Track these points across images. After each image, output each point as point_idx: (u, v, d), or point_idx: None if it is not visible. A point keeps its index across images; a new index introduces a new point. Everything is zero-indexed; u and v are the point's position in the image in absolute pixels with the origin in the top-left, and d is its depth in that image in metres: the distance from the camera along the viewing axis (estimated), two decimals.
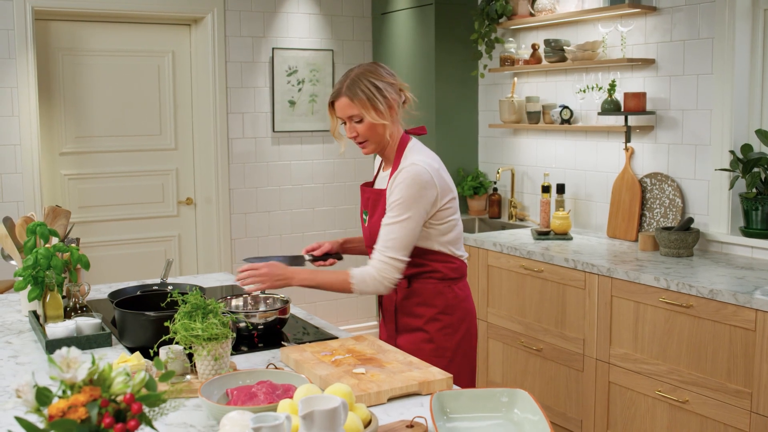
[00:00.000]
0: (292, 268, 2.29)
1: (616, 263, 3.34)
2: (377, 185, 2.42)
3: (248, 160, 5.07)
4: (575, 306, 3.49)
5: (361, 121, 2.23)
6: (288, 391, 1.67)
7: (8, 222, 2.61)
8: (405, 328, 2.37)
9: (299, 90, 5.15)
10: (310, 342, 2.22)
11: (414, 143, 2.32)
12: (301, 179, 5.26)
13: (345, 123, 2.29)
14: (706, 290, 2.88)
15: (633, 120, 3.87)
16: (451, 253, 2.33)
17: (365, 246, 2.43)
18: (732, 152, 3.41)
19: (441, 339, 2.33)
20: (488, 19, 4.48)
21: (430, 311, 2.33)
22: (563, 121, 4.18)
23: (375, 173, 2.48)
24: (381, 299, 2.45)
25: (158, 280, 2.89)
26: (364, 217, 2.42)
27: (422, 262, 2.30)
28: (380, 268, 2.21)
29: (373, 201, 2.35)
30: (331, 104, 2.29)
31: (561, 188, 4.19)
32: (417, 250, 2.27)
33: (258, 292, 2.55)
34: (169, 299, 2.11)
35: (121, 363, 1.88)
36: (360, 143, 2.29)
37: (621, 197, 3.91)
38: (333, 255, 2.50)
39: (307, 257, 2.48)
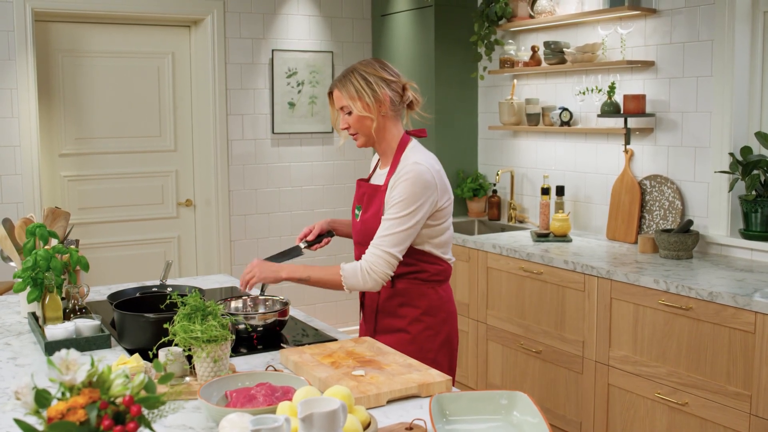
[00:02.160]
0: (282, 263, 2.31)
1: (615, 265, 3.34)
2: (373, 181, 2.42)
3: (248, 162, 5.07)
4: (575, 308, 3.48)
5: (351, 112, 2.27)
6: (287, 393, 1.67)
7: (8, 223, 2.61)
8: (386, 329, 2.36)
9: (299, 92, 5.16)
10: (309, 344, 2.22)
11: (414, 144, 2.33)
12: (300, 181, 5.26)
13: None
14: (705, 292, 2.88)
15: (632, 122, 3.87)
16: (440, 256, 2.33)
17: (354, 242, 2.43)
18: (731, 154, 3.41)
19: (423, 340, 2.33)
20: (488, 21, 4.48)
21: (413, 312, 2.32)
22: (563, 123, 4.18)
23: (371, 170, 2.49)
24: (363, 298, 2.43)
25: (158, 282, 2.89)
26: (356, 212, 2.41)
27: (411, 262, 2.29)
28: (372, 261, 2.19)
29: (368, 196, 2.35)
30: (330, 95, 2.34)
31: (560, 190, 4.19)
32: (408, 249, 2.26)
33: (258, 294, 2.56)
34: (168, 301, 2.11)
35: (120, 365, 1.88)
36: (352, 135, 2.32)
37: (620, 199, 3.91)
38: (325, 234, 2.52)
39: (302, 245, 2.49)
